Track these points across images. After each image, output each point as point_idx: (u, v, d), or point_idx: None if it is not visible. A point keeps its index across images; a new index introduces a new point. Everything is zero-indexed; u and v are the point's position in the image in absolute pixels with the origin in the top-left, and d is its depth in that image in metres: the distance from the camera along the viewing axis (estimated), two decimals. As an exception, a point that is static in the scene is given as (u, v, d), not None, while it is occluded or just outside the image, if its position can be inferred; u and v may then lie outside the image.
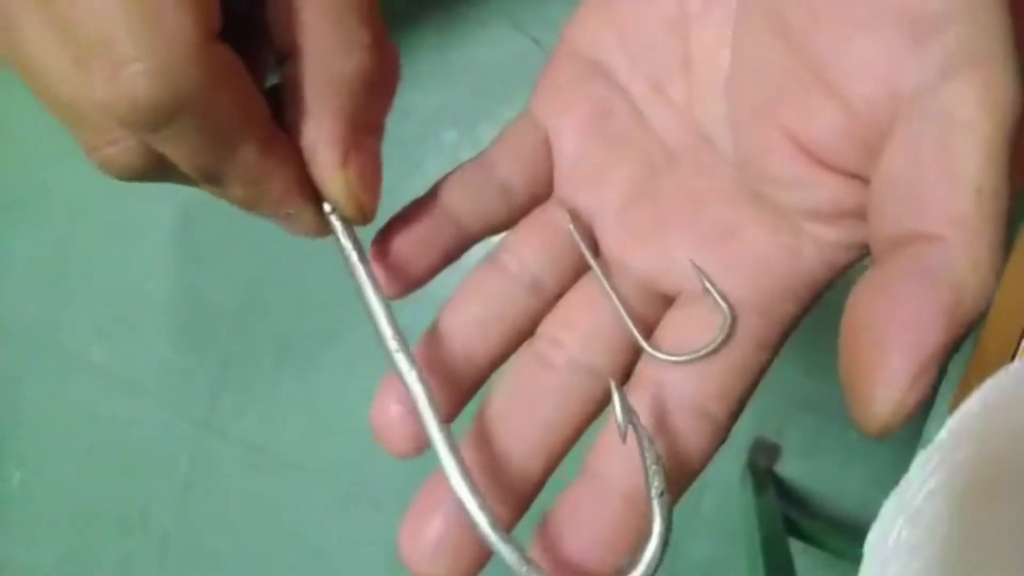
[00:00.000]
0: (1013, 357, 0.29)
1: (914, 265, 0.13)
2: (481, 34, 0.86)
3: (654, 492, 0.16)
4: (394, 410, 0.18)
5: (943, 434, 0.15)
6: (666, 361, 0.18)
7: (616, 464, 0.17)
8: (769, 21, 0.16)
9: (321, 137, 0.17)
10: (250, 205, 0.18)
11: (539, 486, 0.19)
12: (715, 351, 0.17)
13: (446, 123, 0.85)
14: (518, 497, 0.18)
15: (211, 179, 0.17)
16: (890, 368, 0.13)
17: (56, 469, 1.05)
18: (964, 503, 0.14)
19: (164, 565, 1.02)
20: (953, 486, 0.14)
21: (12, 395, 1.06)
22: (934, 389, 0.13)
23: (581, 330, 0.19)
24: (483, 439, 0.18)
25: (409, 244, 0.19)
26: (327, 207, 0.19)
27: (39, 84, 0.16)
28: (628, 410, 0.17)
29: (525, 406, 0.18)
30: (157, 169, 0.17)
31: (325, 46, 0.17)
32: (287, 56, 0.17)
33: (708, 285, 0.18)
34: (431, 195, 0.20)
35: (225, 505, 1.00)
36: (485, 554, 0.17)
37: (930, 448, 0.15)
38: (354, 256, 0.19)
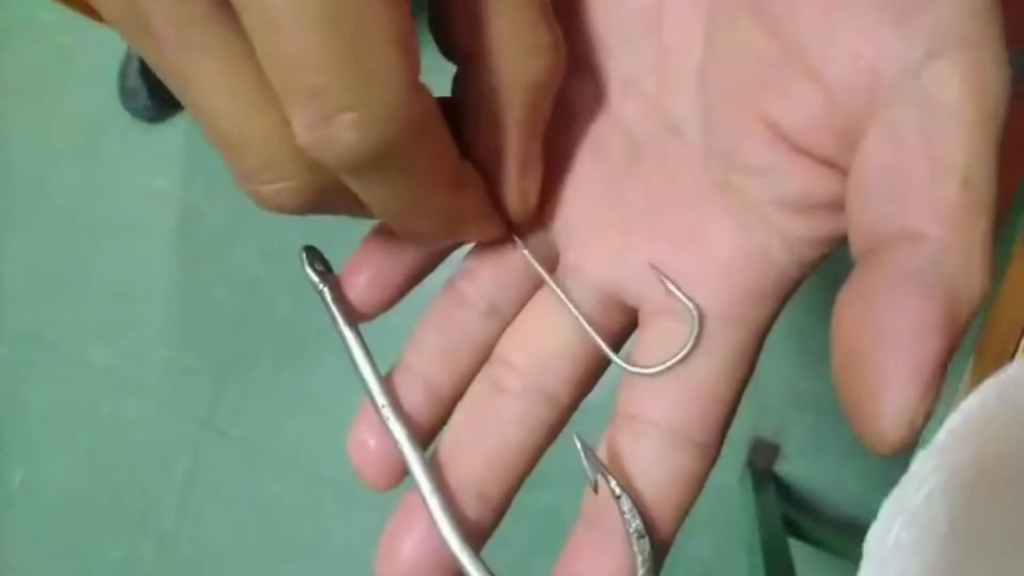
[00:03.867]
0: (1013, 357, 0.29)
1: (903, 269, 0.13)
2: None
3: (633, 536, 0.16)
4: (372, 445, 0.18)
5: (942, 435, 0.15)
6: (637, 374, 0.17)
7: (612, 506, 0.17)
8: (747, 5, 0.16)
9: (503, 150, 0.16)
10: (434, 237, 0.17)
11: (501, 512, 0.18)
12: (687, 356, 0.17)
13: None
14: (479, 524, 0.18)
15: (401, 220, 0.16)
16: (895, 387, 0.12)
17: (57, 469, 1.06)
18: (963, 504, 0.14)
19: (164, 565, 1.03)
20: (952, 487, 0.14)
21: (13, 395, 1.06)
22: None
23: (535, 351, 0.18)
24: (442, 467, 0.18)
25: (379, 264, 0.19)
26: (311, 275, 0.18)
27: (206, 119, 0.15)
28: (595, 462, 0.16)
29: (480, 435, 0.18)
30: (309, 210, 0.16)
31: (506, 49, 0.16)
32: (463, 62, 0.16)
33: (671, 287, 0.17)
34: None
35: (225, 505, 1.01)
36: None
37: (929, 448, 0.15)
38: (338, 316, 0.19)
